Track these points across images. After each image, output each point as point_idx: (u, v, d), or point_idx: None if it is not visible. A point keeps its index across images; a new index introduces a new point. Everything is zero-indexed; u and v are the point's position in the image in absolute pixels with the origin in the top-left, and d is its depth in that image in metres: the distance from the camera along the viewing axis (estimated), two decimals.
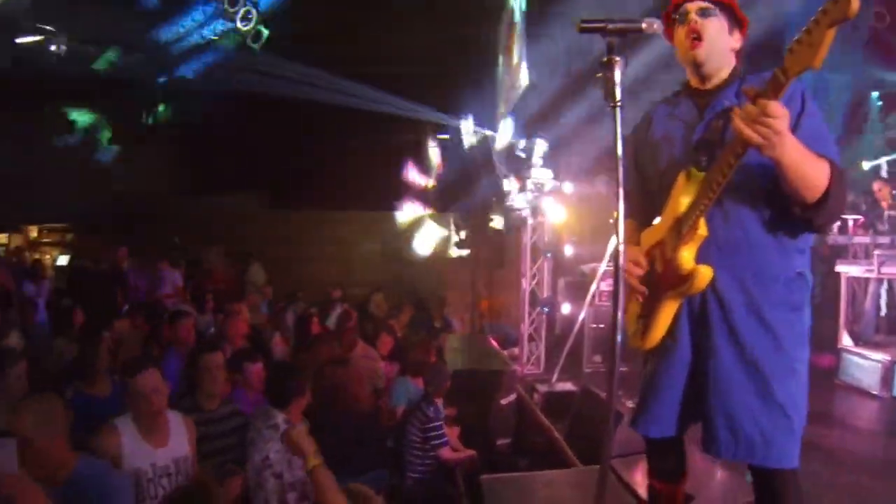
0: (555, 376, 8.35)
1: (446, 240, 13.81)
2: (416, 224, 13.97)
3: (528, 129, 9.70)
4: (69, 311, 7.33)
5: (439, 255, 13.62)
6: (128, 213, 14.63)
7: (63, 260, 14.01)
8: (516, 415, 7.71)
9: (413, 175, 14.14)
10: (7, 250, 14.00)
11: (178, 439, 3.63)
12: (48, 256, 15.38)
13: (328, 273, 13.12)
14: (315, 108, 12.94)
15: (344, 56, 11.38)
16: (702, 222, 2.36)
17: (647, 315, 2.62)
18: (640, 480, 4.28)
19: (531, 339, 9.67)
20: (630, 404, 6.15)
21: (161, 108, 14.76)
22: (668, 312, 2.53)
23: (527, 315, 9.67)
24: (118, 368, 5.29)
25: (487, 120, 11.12)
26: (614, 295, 2.22)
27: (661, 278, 2.56)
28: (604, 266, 8.10)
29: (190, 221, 14.43)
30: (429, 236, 13.86)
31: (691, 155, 2.47)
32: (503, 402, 7.58)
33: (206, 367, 4.22)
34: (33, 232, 17.17)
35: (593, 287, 8.37)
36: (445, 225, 13.91)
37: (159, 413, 3.52)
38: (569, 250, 9.69)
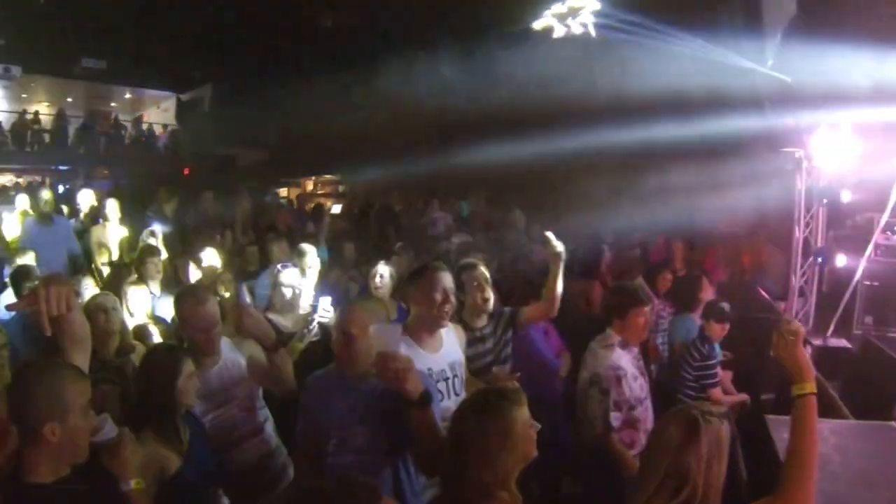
0: (830, 331, 7.72)
1: (705, 186, 13.00)
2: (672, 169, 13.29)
3: (793, 60, 8.80)
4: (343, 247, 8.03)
5: (696, 203, 12.88)
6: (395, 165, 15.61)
7: (336, 208, 15.17)
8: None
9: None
10: (287, 200, 15.45)
11: (451, 344, 3.75)
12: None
13: (583, 219, 13.01)
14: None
15: None
16: None
17: None
18: None
19: (800, 292, 8.94)
20: None
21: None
22: None
23: (798, 267, 8.94)
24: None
25: (751, 50, 10.20)
26: None
27: None
28: (886, 217, 7.28)
29: (453, 169, 14.96)
30: (681, 182, 13.14)
31: None
32: (773, 353, 7.15)
33: (472, 279, 4.29)
34: (309, 185, 18.86)
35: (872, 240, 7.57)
36: (704, 171, 13.10)
37: (445, 312, 3.63)
38: (846, 196, 8.76)
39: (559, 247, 4.38)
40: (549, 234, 4.45)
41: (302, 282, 5.08)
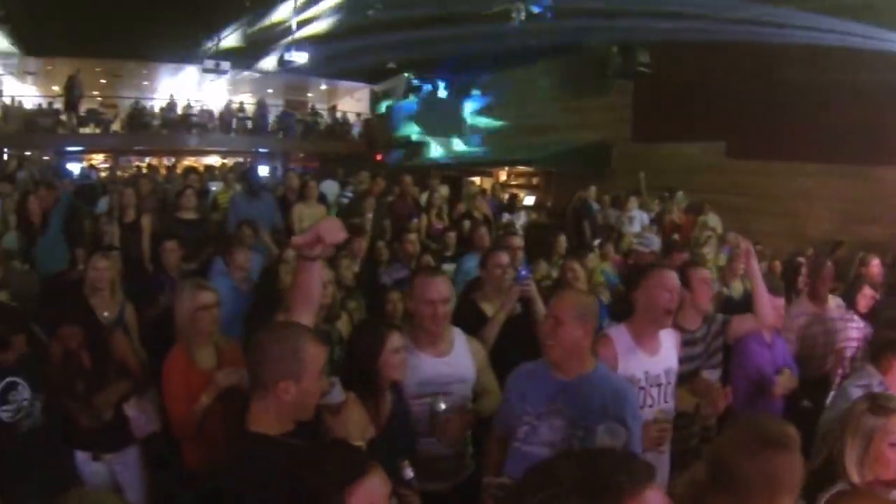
0: None
1: None
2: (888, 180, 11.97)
3: None
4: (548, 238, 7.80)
5: None
6: (590, 159, 15.29)
7: (529, 200, 15.14)
8: None
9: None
10: (481, 189, 15.57)
11: (668, 349, 3.63)
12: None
13: (780, 226, 12.12)
14: (777, 49, 11.91)
15: None
16: None
17: None
18: None
19: None
20: None
21: (618, 60, 15.02)
22: None
23: None
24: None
25: None
26: None
27: None
28: None
29: (649, 168, 14.46)
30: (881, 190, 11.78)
31: None
32: None
33: (698, 278, 4.13)
34: (502, 175, 19.00)
35: None
36: None
37: (670, 313, 3.55)
38: None
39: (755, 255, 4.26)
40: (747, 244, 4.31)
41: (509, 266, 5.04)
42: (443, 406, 3.24)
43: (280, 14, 19.68)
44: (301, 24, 19.33)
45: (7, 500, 3.53)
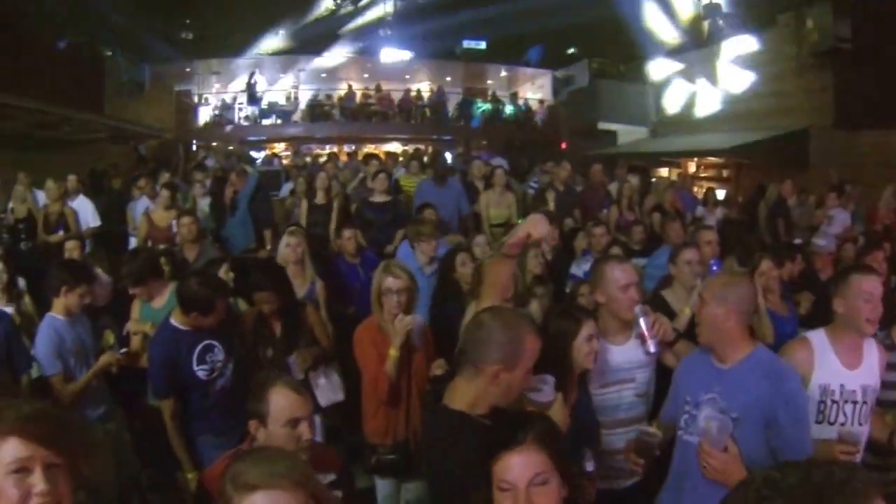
0: None
1: None
2: None
3: None
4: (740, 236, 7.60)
5: None
6: (785, 149, 14.47)
7: (720, 193, 14.62)
8: None
9: None
10: (671, 182, 15.15)
11: (870, 366, 3.40)
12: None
13: None
14: None
15: None
16: None
17: None
18: None
19: None
20: None
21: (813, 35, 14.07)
22: None
23: None
24: None
25: None
26: None
27: None
28: None
29: (852, 159, 13.50)
30: None
31: None
32: None
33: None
34: (691, 166, 18.45)
35: None
36: None
37: (871, 322, 3.32)
38: None
39: None
40: None
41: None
42: (643, 318, 3.34)
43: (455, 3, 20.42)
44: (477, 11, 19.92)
45: (196, 453, 4.01)
